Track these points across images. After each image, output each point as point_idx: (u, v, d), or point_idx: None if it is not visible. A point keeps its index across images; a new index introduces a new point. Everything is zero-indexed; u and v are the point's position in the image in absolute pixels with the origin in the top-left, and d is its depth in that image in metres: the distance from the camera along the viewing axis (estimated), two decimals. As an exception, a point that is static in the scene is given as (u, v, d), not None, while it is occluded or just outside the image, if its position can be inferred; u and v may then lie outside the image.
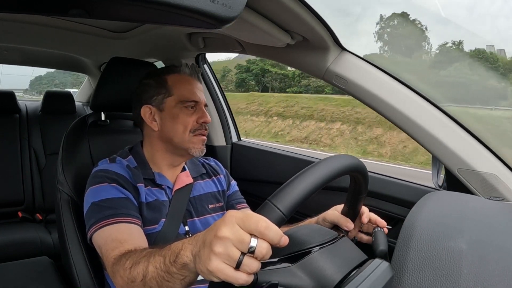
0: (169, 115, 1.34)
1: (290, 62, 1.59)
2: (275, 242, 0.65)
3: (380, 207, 1.57)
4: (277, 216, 0.67)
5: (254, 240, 0.64)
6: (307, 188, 0.71)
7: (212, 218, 1.40)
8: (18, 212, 2.90)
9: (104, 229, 1.14)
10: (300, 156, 2.02)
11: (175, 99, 1.34)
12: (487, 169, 1.24)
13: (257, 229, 0.64)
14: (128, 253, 1.00)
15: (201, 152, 1.36)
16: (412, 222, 0.94)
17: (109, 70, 1.57)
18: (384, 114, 1.36)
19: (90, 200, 1.21)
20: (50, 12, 0.71)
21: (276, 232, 0.65)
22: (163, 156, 1.38)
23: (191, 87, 1.37)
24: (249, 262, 0.64)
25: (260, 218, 0.65)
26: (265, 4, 1.14)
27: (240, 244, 0.64)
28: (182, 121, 1.33)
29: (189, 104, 1.34)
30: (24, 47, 2.74)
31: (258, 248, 0.64)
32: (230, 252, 0.63)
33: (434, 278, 0.80)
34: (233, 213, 0.67)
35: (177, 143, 1.34)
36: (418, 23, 25.81)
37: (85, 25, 2.05)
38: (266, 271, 0.73)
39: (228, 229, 0.64)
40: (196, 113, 1.35)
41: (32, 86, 32.55)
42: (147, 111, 1.37)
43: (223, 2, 0.64)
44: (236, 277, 0.64)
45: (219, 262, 0.64)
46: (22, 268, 2.12)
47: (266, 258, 0.65)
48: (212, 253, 0.65)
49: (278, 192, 0.70)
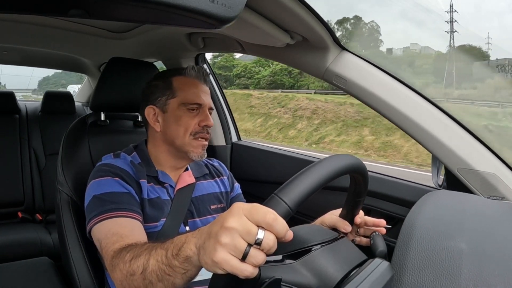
0: (171, 117, 1.34)
1: (290, 62, 1.59)
2: (281, 235, 0.65)
3: (380, 206, 1.57)
4: (284, 209, 0.67)
5: (261, 232, 0.63)
6: (313, 184, 0.71)
7: (213, 218, 1.39)
8: (18, 213, 2.90)
9: (104, 222, 1.14)
10: (300, 156, 2.02)
11: (178, 101, 1.34)
12: (487, 169, 1.24)
13: (264, 221, 0.63)
14: (128, 246, 1.00)
15: (201, 156, 1.35)
16: (412, 222, 0.94)
17: (108, 70, 1.57)
18: (384, 114, 1.36)
19: (91, 193, 1.21)
20: (50, 13, 0.71)
21: (283, 225, 0.64)
22: (166, 158, 1.38)
23: (195, 90, 1.36)
24: (256, 254, 0.63)
25: (268, 210, 0.64)
26: (264, 4, 1.14)
27: (247, 235, 0.63)
28: (184, 123, 1.33)
29: (191, 107, 1.33)
30: (24, 47, 2.74)
31: (265, 240, 0.63)
32: (236, 243, 0.63)
33: (434, 278, 0.80)
34: (240, 205, 0.67)
35: (178, 146, 1.34)
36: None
37: (84, 25, 2.05)
38: (270, 267, 0.73)
39: (235, 220, 0.64)
40: (199, 116, 1.34)
41: (40, 86, 32.95)
42: (151, 111, 1.38)
43: (222, 2, 0.64)
44: (242, 269, 0.63)
45: (225, 253, 0.63)
46: (22, 268, 2.12)
47: (272, 251, 0.65)
48: (218, 244, 0.64)
49: (284, 187, 0.70)
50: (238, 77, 27.84)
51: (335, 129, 17.65)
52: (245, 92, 24.48)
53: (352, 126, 17.39)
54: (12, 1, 0.61)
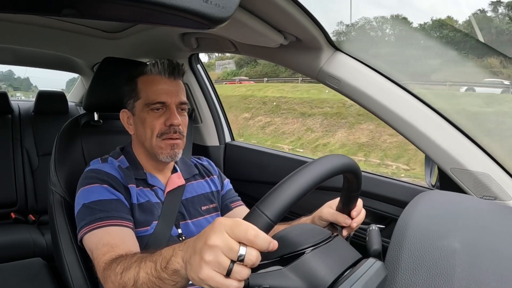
0: (138, 119, 1.32)
1: (283, 62, 1.59)
2: (263, 249, 0.66)
3: (373, 206, 1.57)
4: (265, 222, 0.67)
5: (243, 248, 0.64)
6: (295, 193, 0.71)
7: (205, 220, 1.39)
8: (11, 214, 2.88)
9: (95, 231, 1.13)
10: (293, 156, 2.02)
11: (142, 102, 1.31)
12: (480, 169, 1.25)
13: (245, 238, 0.64)
14: (119, 258, 1.00)
15: (170, 157, 1.31)
16: (405, 222, 0.95)
17: (102, 70, 1.57)
18: (377, 114, 1.36)
19: (81, 201, 1.21)
20: (43, 12, 0.71)
21: (265, 239, 0.65)
22: (145, 160, 1.37)
23: (157, 88, 1.30)
24: (239, 270, 0.65)
25: (248, 226, 0.65)
26: (258, 4, 1.14)
27: (229, 252, 0.64)
28: (149, 124, 1.29)
29: (155, 106, 1.29)
30: (16, 47, 2.72)
31: (248, 256, 0.64)
32: (220, 260, 0.64)
33: (427, 277, 0.81)
34: (222, 221, 0.67)
35: (148, 148, 1.32)
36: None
37: (78, 25, 2.04)
38: (258, 274, 0.74)
39: (217, 237, 0.65)
40: (164, 115, 1.29)
41: (67, 86, 33.92)
42: (125, 115, 1.38)
43: (216, 3, 0.64)
44: (227, 285, 0.64)
45: (210, 270, 0.65)
46: (15, 269, 2.10)
47: (255, 265, 0.66)
48: (202, 261, 0.65)
49: (265, 198, 0.70)
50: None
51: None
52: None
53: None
54: (4, 1, 0.60)
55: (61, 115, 3.26)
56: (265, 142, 15.12)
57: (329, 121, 15.22)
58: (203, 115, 2.30)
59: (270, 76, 24.04)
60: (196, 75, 2.27)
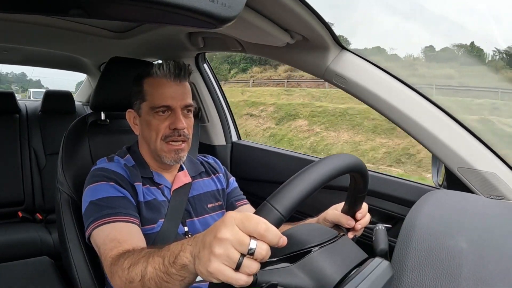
0: (144, 121, 1.32)
1: (290, 62, 1.59)
2: (274, 244, 0.66)
3: (380, 206, 1.57)
4: (276, 217, 0.67)
5: (253, 242, 0.64)
6: (305, 189, 0.71)
7: (211, 217, 1.39)
8: (18, 212, 2.91)
9: (102, 227, 1.14)
10: (300, 155, 2.02)
11: (147, 105, 1.30)
12: (487, 168, 1.24)
13: (256, 231, 0.64)
14: (126, 253, 1.00)
15: (175, 160, 1.31)
16: (412, 221, 0.94)
17: (108, 70, 1.57)
18: (384, 113, 1.36)
19: (88, 199, 1.21)
20: (50, 12, 0.71)
21: (275, 234, 0.65)
22: (150, 160, 1.38)
23: (163, 91, 1.29)
24: (249, 264, 0.64)
25: (259, 220, 0.65)
26: (264, 3, 1.14)
27: (239, 246, 0.64)
28: (154, 127, 1.29)
29: (160, 110, 1.29)
30: (24, 47, 2.74)
31: (258, 250, 0.64)
32: (230, 253, 0.64)
33: (434, 277, 0.80)
34: (233, 214, 0.67)
35: (152, 150, 1.33)
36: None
37: (85, 25, 2.05)
38: (266, 271, 0.73)
39: (228, 230, 0.65)
40: (169, 119, 1.29)
41: (77, 88, 35.09)
42: (131, 115, 1.38)
43: (222, 2, 0.64)
44: (236, 278, 0.64)
45: (219, 264, 0.64)
46: (22, 268, 2.12)
47: (265, 260, 0.66)
48: (212, 255, 0.65)
49: (276, 193, 0.70)
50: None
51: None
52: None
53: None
54: (12, 1, 0.61)
55: (68, 115, 3.28)
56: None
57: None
58: (210, 115, 2.30)
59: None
60: (202, 74, 2.27)
